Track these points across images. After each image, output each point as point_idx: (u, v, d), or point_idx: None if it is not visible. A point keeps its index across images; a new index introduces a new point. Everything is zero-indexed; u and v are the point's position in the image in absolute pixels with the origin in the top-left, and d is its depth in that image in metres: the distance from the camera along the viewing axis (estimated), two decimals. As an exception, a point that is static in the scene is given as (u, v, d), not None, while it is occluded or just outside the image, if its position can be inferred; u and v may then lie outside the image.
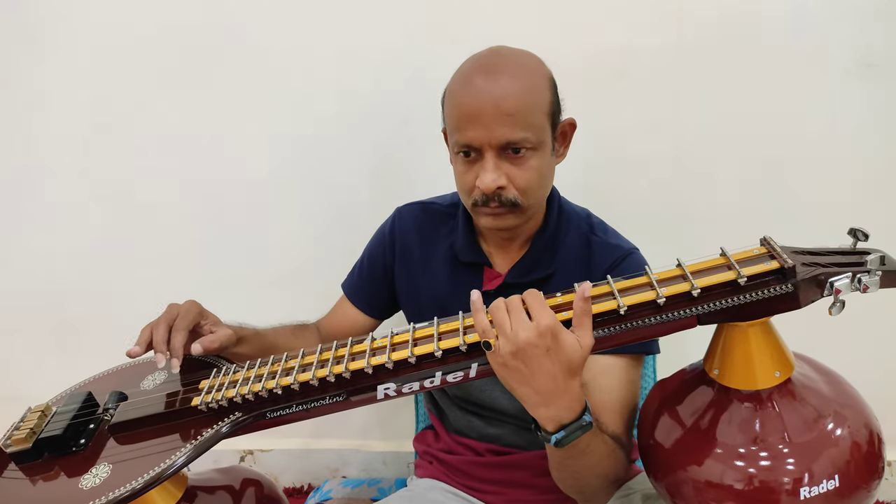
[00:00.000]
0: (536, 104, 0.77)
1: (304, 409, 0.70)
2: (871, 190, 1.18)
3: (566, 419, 0.64)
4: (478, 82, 0.76)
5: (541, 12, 1.14)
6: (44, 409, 0.77)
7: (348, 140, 1.26)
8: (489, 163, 0.76)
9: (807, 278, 0.59)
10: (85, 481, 0.67)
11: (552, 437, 0.64)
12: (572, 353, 0.61)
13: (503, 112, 0.74)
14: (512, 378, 0.63)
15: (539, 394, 0.62)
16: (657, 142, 1.19)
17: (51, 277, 1.42)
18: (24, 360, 1.49)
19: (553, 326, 0.60)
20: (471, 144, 0.77)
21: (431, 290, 0.93)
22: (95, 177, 1.34)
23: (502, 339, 0.61)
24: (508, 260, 0.89)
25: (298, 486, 1.56)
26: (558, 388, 0.62)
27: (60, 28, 1.24)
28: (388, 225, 1.00)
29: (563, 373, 0.61)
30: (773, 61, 1.12)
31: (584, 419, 0.64)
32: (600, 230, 0.90)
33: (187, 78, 1.25)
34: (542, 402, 0.63)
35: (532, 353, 0.60)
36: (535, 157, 0.78)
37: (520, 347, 0.60)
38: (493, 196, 0.78)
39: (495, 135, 0.75)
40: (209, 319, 0.84)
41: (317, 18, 1.19)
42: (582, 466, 0.70)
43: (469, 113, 0.76)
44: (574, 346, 0.61)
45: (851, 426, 0.63)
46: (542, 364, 0.60)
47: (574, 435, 0.64)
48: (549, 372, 0.61)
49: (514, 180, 0.78)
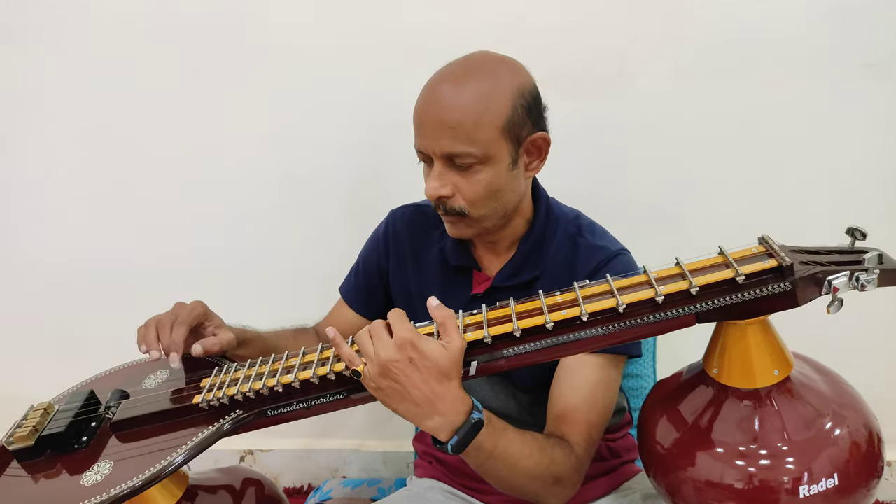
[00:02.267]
0: (485, 118, 0.75)
1: (304, 408, 0.70)
2: (870, 190, 1.18)
3: (457, 423, 0.64)
4: (434, 90, 0.78)
5: (541, 12, 1.14)
6: (46, 408, 0.78)
7: (346, 142, 1.27)
8: (434, 171, 0.78)
9: (805, 276, 0.59)
10: (87, 478, 0.67)
11: (448, 446, 0.65)
12: (438, 358, 0.62)
13: (445, 124, 0.75)
14: (390, 399, 0.64)
15: (419, 405, 0.63)
16: (657, 141, 1.20)
17: (52, 278, 1.43)
18: (26, 360, 1.49)
19: (409, 338, 0.62)
20: (421, 151, 0.79)
21: (422, 292, 0.93)
22: (96, 177, 1.34)
23: (368, 362, 0.63)
24: (497, 263, 0.89)
25: (298, 486, 1.56)
26: (435, 395, 0.63)
27: (60, 28, 1.25)
28: (382, 228, 1.00)
29: (434, 379, 0.62)
30: (774, 61, 1.12)
31: (472, 418, 0.65)
32: (588, 232, 0.89)
33: (187, 78, 1.26)
34: (425, 413, 0.64)
35: (397, 368, 0.62)
36: (483, 171, 0.77)
37: (383, 365, 0.62)
38: (439, 204, 0.80)
39: (438, 145, 0.76)
40: (213, 321, 0.84)
41: (317, 18, 1.20)
42: (501, 468, 0.69)
43: (419, 120, 0.78)
44: (438, 351, 0.62)
45: (851, 425, 0.63)
46: (409, 376, 0.62)
47: (468, 436, 0.64)
48: (420, 382, 0.62)
49: (461, 191, 0.78)
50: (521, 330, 0.64)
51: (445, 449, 0.65)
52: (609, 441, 0.95)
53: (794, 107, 1.15)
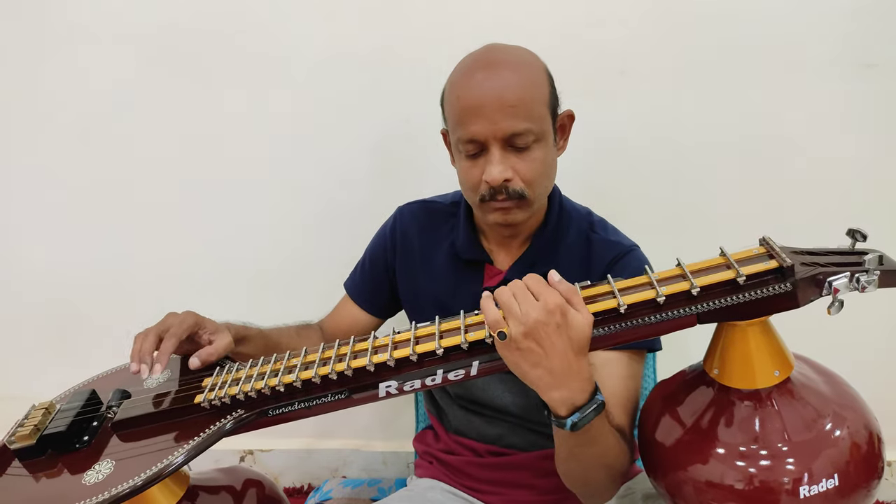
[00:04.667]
0: (537, 95, 0.78)
1: (306, 407, 0.70)
2: (870, 190, 1.18)
3: (579, 401, 0.63)
4: (479, 76, 0.77)
5: (541, 11, 1.14)
6: (48, 407, 0.78)
7: (349, 139, 1.27)
8: (495, 155, 0.77)
9: (805, 277, 0.59)
10: (88, 477, 0.67)
11: (567, 421, 0.63)
12: (580, 330, 0.61)
13: (506, 104, 0.75)
14: (525, 361, 0.62)
15: (552, 374, 0.62)
16: (657, 141, 1.20)
17: (53, 278, 1.43)
18: (28, 360, 1.49)
19: (561, 304, 0.60)
20: (475, 138, 0.77)
21: (433, 287, 0.93)
22: (96, 177, 1.34)
23: (513, 321, 0.61)
24: (509, 257, 0.90)
25: (299, 486, 1.56)
26: (570, 368, 0.62)
27: (59, 28, 1.25)
28: (390, 224, 1.00)
29: (573, 351, 0.61)
30: (774, 61, 1.13)
31: (597, 398, 0.64)
32: (600, 228, 0.90)
33: (187, 78, 1.26)
34: (556, 383, 0.62)
35: (544, 332, 0.60)
36: (538, 149, 0.79)
37: (531, 327, 0.60)
38: (501, 189, 0.78)
39: (500, 127, 0.76)
40: (207, 328, 0.82)
41: (317, 17, 1.20)
42: (591, 455, 0.69)
43: (472, 107, 0.76)
44: (581, 323, 0.61)
45: (851, 426, 0.64)
46: (553, 343, 0.60)
47: (588, 416, 0.63)
48: (562, 350, 0.61)
49: (519, 172, 0.78)
50: (522, 330, 0.64)
51: (562, 424, 0.64)
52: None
53: (794, 107, 1.15)
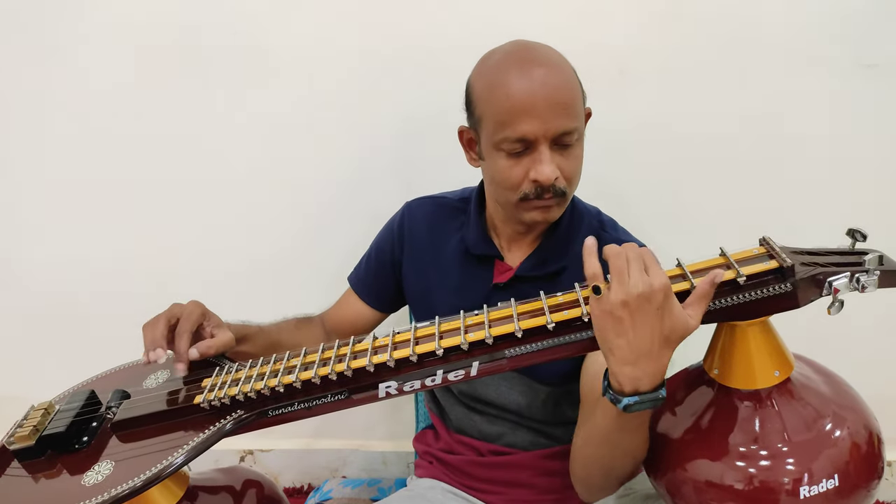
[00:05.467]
0: (578, 93, 0.79)
1: (305, 408, 0.70)
2: (870, 190, 1.18)
3: (644, 386, 0.61)
4: (531, 74, 0.76)
5: (542, 10, 1.14)
6: (47, 407, 0.77)
7: (351, 135, 1.27)
8: (545, 154, 0.76)
9: (805, 278, 0.59)
10: (87, 478, 0.67)
11: (623, 401, 0.61)
12: (677, 322, 0.59)
13: (560, 103, 0.75)
14: (612, 328, 0.60)
15: (632, 350, 0.60)
16: (656, 141, 1.20)
17: (52, 278, 1.42)
18: (27, 361, 1.49)
19: (668, 288, 0.58)
20: (525, 137, 0.76)
21: (442, 283, 0.93)
22: (95, 177, 1.34)
23: (617, 285, 0.59)
24: (520, 254, 0.90)
25: (298, 486, 1.56)
26: (652, 352, 0.60)
27: (59, 28, 1.25)
28: (398, 219, 1.00)
29: (661, 337, 0.59)
30: (774, 61, 1.13)
31: (660, 392, 0.62)
32: (611, 227, 0.91)
33: (188, 77, 1.25)
34: (632, 359, 0.60)
35: (642, 307, 0.58)
36: (579, 147, 0.80)
37: (633, 298, 0.58)
38: (549, 187, 0.78)
39: (551, 126, 0.75)
40: (211, 321, 0.83)
41: (317, 16, 1.20)
42: (628, 443, 0.68)
43: (524, 105, 0.75)
44: (682, 316, 0.59)
45: (851, 426, 0.64)
46: (647, 321, 0.58)
47: (646, 404, 0.62)
48: (651, 331, 0.59)
49: (563, 171, 0.78)
50: (522, 330, 0.64)
51: (617, 400, 0.62)
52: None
53: (794, 107, 1.15)
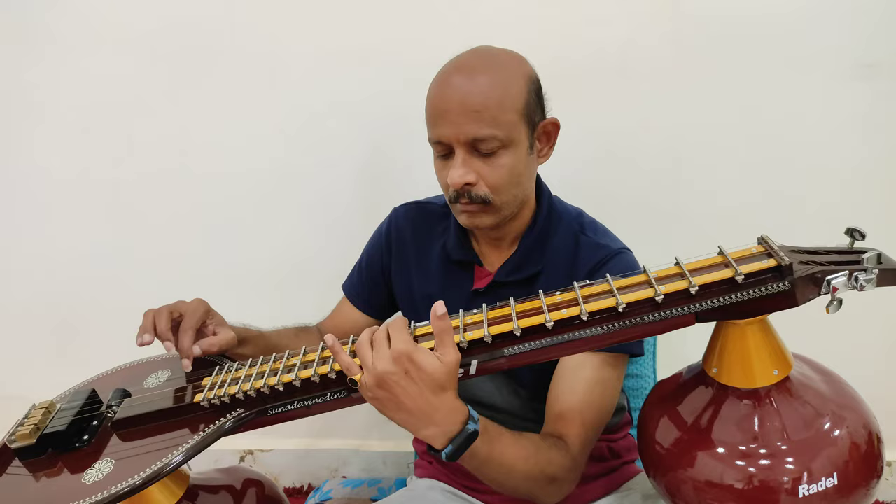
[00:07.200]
0: (507, 102, 0.77)
1: (305, 406, 0.71)
2: (869, 190, 1.18)
3: (452, 432, 0.65)
4: (447, 80, 0.78)
5: (541, 11, 1.15)
6: (48, 406, 0.78)
7: (346, 140, 1.27)
8: (458, 159, 0.78)
9: (804, 276, 0.59)
10: (88, 476, 0.68)
11: (442, 454, 0.65)
12: (433, 371, 0.62)
13: (469, 108, 0.75)
14: (385, 408, 0.64)
15: (414, 416, 0.64)
16: (656, 141, 1.20)
17: (52, 278, 1.43)
18: (27, 361, 1.49)
19: (406, 351, 0.62)
20: (440, 140, 0.79)
21: (424, 288, 0.94)
22: (95, 176, 1.34)
23: (366, 372, 0.63)
24: (499, 259, 0.90)
25: (298, 486, 1.56)
26: (430, 406, 0.63)
27: (58, 28, 1.25)
28: (385, 225, 1.01)
29: (430, 390, 0.63)
30: (773, 61, 1.13)
31: (467, 429, 0.65)
32: (590, 230, 0.90)
33: (186, 78, 1.26)
34: (421, 422, 0.64)
35: (393, 380, 0.62)
36: (506, 155, 0.78)
37: (379, 377, 0.62)
38: (463, 192, 0.79)
39: (462, 130, 0.76)
40: (215, 319, 0.85)
41: (314, 17, 1.20)
42: (497, 472, 0.70)
43: (439, 109, 0.78)
44: (434, 364, 0.62)
45: (850, 425, 0.63)
46: (405, 388, 0.62)
47: (462, 446, 0.65)
48: (416, 393, 0.62)
49: (484, 178, 0.79)
50: (521, 329, 0.64)
51: (440, 456, 0.66)
52: (609, 441, 0.95)
53: (793, 107, 1.15)
